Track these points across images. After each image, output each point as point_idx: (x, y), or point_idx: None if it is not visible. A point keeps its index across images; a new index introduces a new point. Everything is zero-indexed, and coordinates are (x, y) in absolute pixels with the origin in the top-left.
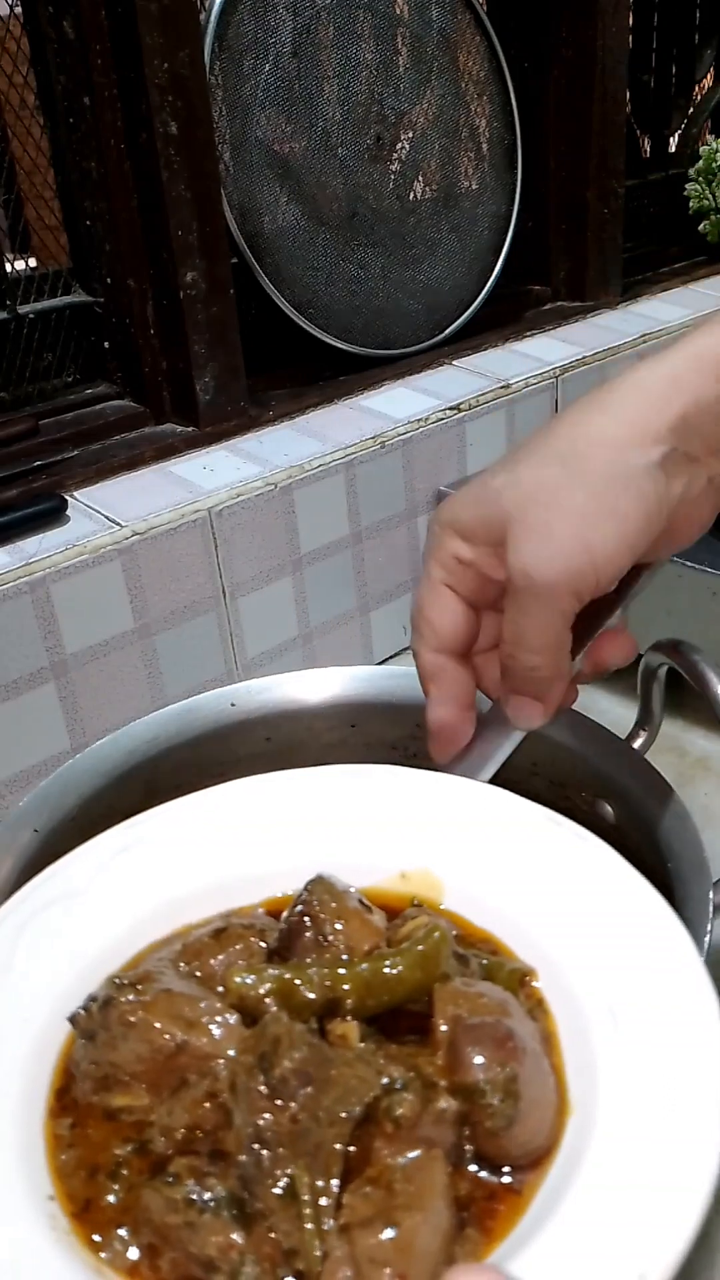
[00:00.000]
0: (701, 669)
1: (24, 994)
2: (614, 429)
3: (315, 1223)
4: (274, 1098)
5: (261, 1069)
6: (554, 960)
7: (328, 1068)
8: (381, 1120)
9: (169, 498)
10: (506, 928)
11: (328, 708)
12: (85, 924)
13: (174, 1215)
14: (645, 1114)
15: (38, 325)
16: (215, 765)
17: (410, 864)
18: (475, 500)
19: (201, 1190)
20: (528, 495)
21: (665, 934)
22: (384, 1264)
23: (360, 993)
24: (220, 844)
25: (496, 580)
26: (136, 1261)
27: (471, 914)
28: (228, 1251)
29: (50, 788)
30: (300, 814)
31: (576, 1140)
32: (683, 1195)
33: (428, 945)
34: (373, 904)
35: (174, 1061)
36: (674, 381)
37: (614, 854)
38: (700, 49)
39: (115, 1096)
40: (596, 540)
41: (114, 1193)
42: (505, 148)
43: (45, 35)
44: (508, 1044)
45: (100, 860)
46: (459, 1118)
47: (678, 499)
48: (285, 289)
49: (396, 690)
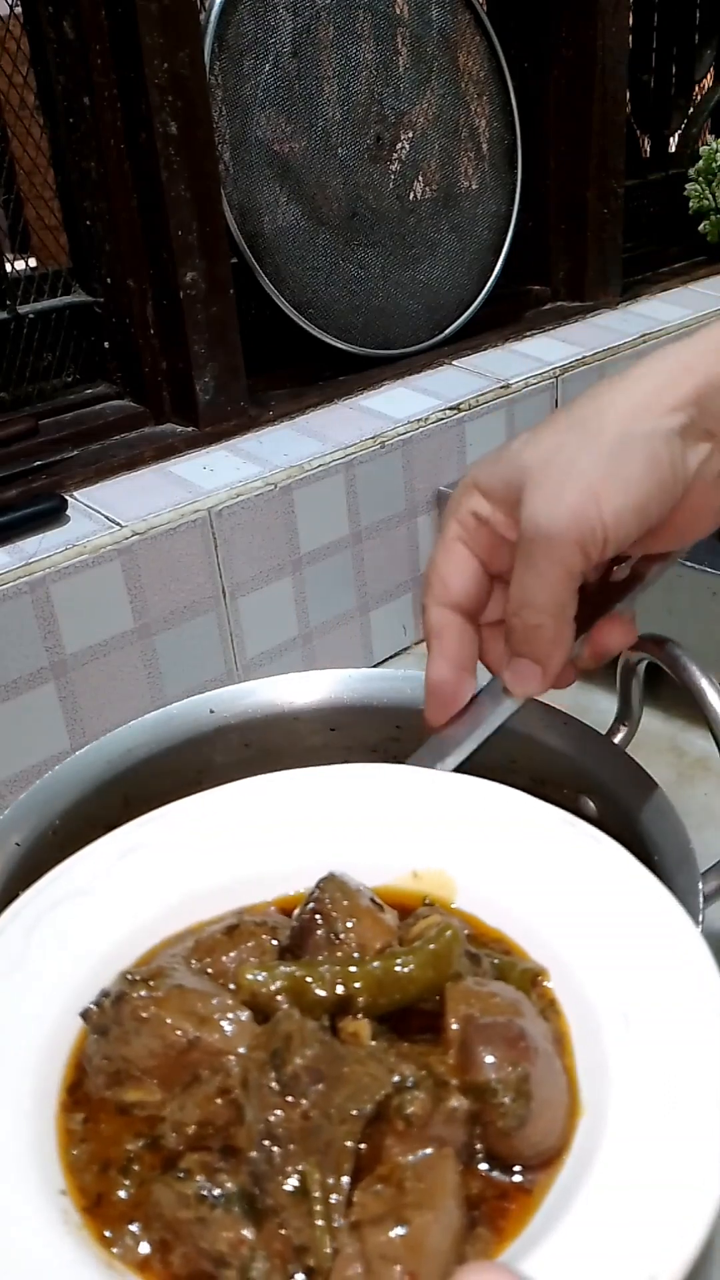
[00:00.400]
0: (683, 662)
1: (36, 991)
2: (631, 400)
3: (326, 1219)
4: (285, 1094)
5: (273, 1065)
6: (566, 961)
7: (339, 1065)
8: (393, 1118)
9: (169, 498)
10: (519, 928)
11: (307, 712)
12: (96, 921)
13: (185, 1210)
14: (656, 1115)
15: (38, 325)
16: (194, 772)
17: (423, 863)
18: (497, 460)
19: (212, 1186)
20: (545, 455)
21: (678, 936)
22: (394, 1261)
23: (372, 991)
24: (231, 842)
25: (510, 543)
26: (148, 1256)
27: (484, 914)
28: (238, 1247)
29: (31, 799)
30: (312, 813)
31: (588, 1140)
32: (694, 1196)
33: (439, 944)
34: (385, 903)
35: (186, 1057)
36: (691, 362)
37: (628, 855)
38: (700, 49)
39: (127, 1091)
40: (606, 495)
41: (125, 1188)
42: (505, 148)
43: (45, 35)
44: (520, 1044)
45: (112, 858)
46: (470, 1117)
47: (694, 472)
48: (285, 289)
49: (376, 693)
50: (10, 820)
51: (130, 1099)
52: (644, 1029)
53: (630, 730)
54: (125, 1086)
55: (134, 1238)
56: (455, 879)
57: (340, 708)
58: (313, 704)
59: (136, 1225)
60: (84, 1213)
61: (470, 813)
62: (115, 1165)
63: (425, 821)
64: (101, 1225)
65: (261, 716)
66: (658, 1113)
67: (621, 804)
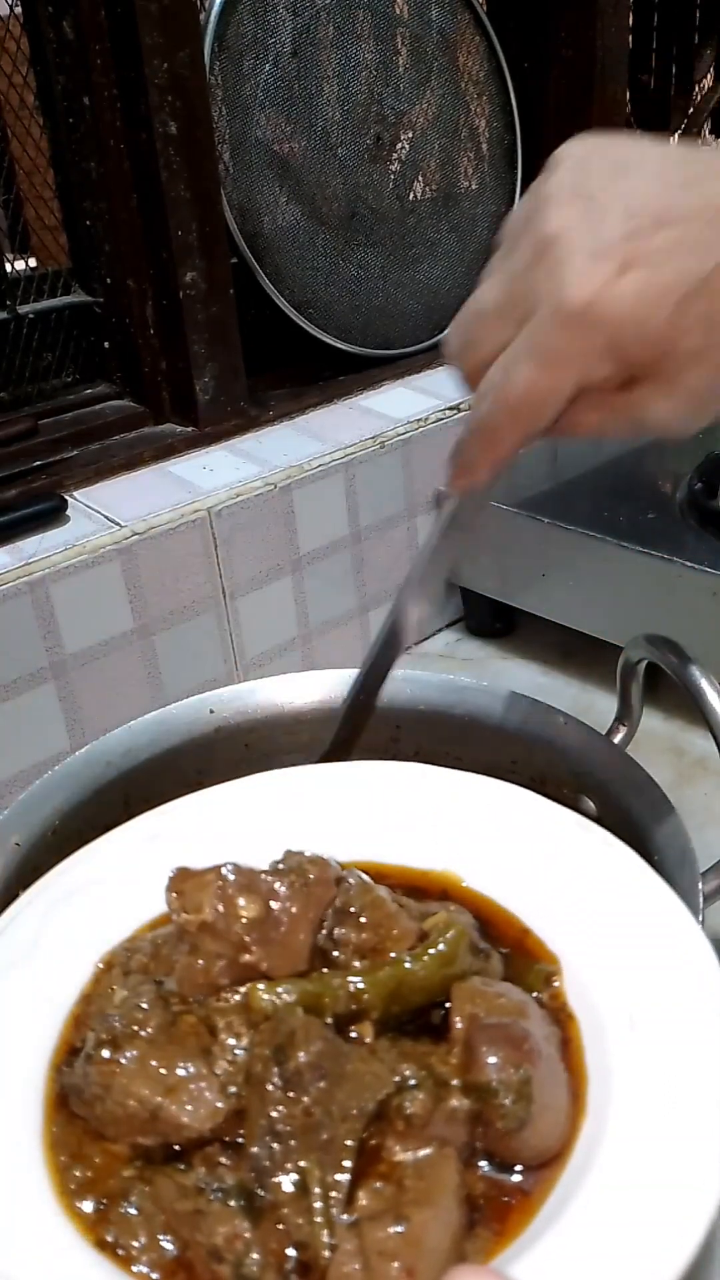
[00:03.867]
0: (683, 662)
1: (49, 978)
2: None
3: (325, 1216)
4: (288, 1090)
5: (276, 1061)
6: (574, 964)
7: (342, 1062)
8: (393, 1118)
9: (168, 498)
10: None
11: (307, 712)
12: (111, 911)
13: (185, 1202)
14: (657, 1116)
15: (37, 325)
16: (194, 772)
17: (434, 865)
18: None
19: (213, 1179)
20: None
21: (686, 941)
22: (392, 1257)
23: (386, 1001)
24: (247, 835)
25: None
26: (146, 1244)
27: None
28: (233, 1241)
29: (31, 799)
30: (326, 809)
31: (589, 1143)
32: (693, 1199)
33: (447, 945)
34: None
35: (150, 1126)
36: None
37: (639, 860)
38: (700, 49)
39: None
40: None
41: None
42: (505, 148)
43: (45, 35)
44: (523, 1045)
45: (128, 848)
46: (471, 1117)
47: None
48: (285, 289)
49: None
50: (10, 820)
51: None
52: (649, 1031)
53: (630, 730)
54: (102, 1142)
55: (127, 1219)
56: (463, 879)
57: (339, 709)
58: (313, 704)
59: (132, 1207)
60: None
61: (483, 815)
62: (118, 1160)
63: (437, 822)
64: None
65: (261, 716)
66: (658, 1114)
67: (621, 804)
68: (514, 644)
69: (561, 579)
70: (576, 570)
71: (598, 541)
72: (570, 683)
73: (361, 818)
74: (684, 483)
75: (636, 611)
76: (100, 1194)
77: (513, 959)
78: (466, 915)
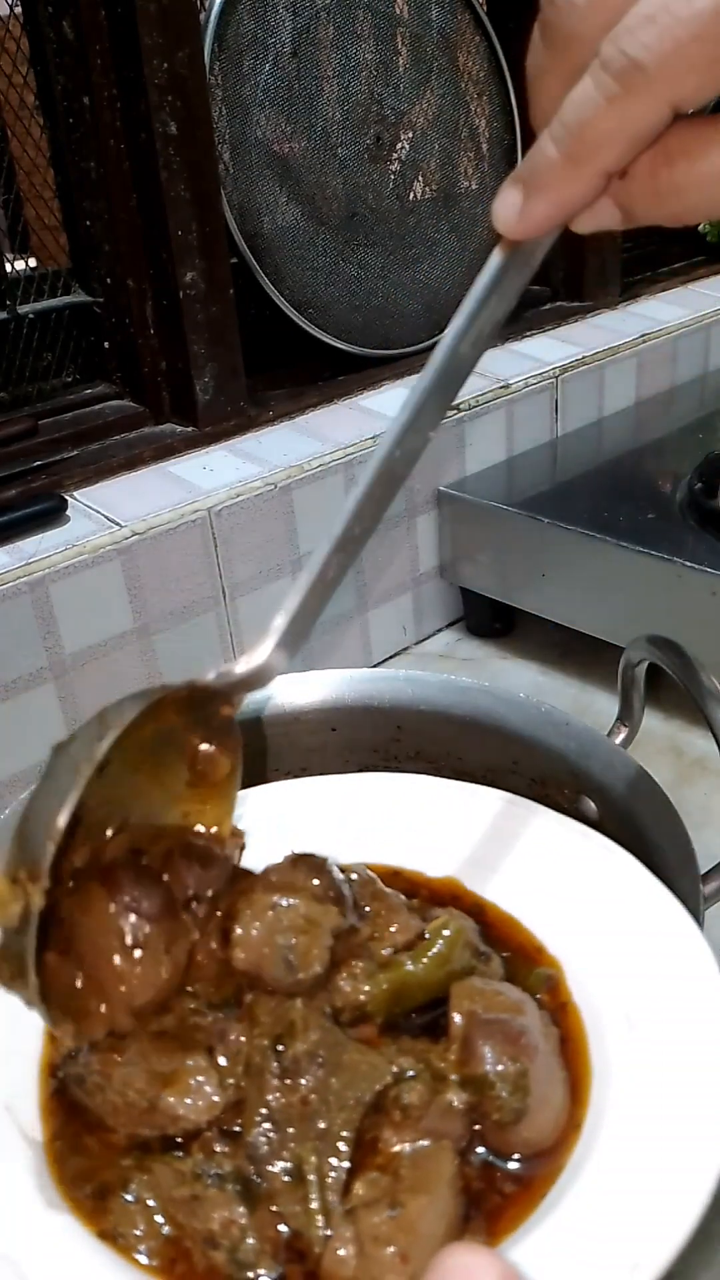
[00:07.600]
0: (684, 662)
1: None
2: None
3: (321, 1202)
4: (286, 1078)
5: (275, 1050)
6: (574, 966)
7: (340, 1052)
8: (390, 1109)
9: (168, 498)
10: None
11: (307, 712)
12: None
13: (181, 1188)
14: (653, 1113)
15: (37, 325)
16: None
17: (436, 872)
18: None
19: (210, 1165)
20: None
21: (685, 944)
22: (387, 1242)
23: (389, 1004)
24: (255, 842)
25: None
26: (145, 1231)
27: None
28: (229, 1227)
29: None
30: (329, 818)
31: (587, 1138)
32: (683, 1193)
33: (445, 944)
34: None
35: (149, 1117)
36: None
37: (639, 866)
38: None
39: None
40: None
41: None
42: (505, 148)
43: (45, 35)
44: (520, 1040)
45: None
46: (468, 1110)
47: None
48: (285, 289)
49: (376, 693)
50: (10, 820)
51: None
52: (647, 1032)
53: (630, 730)
54: (99, 1132)
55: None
56: (466, 885)
57: (340, 708)
58: (313, 704)
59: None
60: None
61: (485, 823)
62: (116, 1149)
63: (440, 830)
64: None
65: (261, 716)
66: (655, 1111)
67: (621, 804)
68: (513, 644)
69: (561, 579)
70: (576, 570)
71: (598, 541)
72: (570, 683)
73: (365, 826)
74: (684, 483)
75: (636, 611)
76: (99, 1183)
77: (513, 962)
78: (468, 919)
